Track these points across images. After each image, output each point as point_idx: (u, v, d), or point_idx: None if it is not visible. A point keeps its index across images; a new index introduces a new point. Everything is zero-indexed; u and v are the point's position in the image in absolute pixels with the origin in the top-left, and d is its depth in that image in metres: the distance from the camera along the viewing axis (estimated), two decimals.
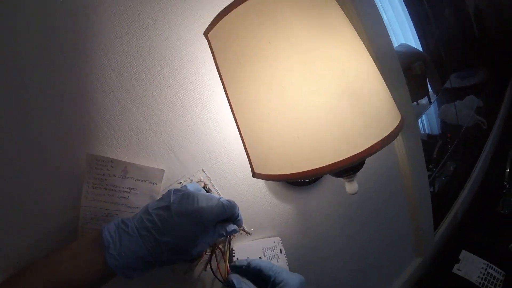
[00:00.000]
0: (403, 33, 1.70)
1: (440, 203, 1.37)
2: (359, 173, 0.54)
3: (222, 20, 0.46)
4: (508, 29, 2.31)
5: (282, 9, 0.42)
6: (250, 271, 0.57)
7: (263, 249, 0.68)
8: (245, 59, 0.44)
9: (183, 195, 0.51)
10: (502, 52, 2.26)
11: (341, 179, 0.54)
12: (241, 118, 0.49)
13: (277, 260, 0.68)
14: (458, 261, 1.14)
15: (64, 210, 0.53)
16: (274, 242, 0.70)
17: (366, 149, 0.41)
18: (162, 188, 0.59)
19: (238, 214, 0.56)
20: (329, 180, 0.81)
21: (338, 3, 0.49)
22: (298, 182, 0.72)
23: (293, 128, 0.41)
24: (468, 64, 2.04)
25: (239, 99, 0.48)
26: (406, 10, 1.66)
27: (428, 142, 1.70)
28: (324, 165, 0.40)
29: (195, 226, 0.49)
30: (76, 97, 0.53)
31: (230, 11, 0.44)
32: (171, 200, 0.50)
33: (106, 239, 0.45)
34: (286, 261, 0.68)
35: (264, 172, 0.48)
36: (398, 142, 0.99)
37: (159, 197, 0.58)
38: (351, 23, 0.50)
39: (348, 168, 0.49)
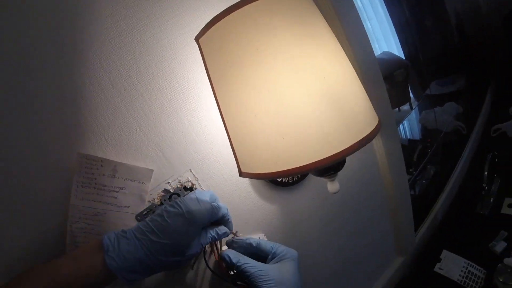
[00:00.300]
0: (386, 41, 1.75)
1: (421, 205, 1.41)
2: (340, 174, 0.56)
3: (213, 27, 0.49)
4: (486, 38, 2.39)
5: (269, 18, 0.45)
6: (248, 248, 0.59)
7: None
8: (234, 63, 0.47)
9: (175, 201, 0.53)
10: (481, 60, 2.34)
11: (323, 179, 0.57)
12: (229, 119, 0.52)
13: None
14: (439, 260, 1.17)
15: (52, 208, 0.53)
16: (259, 238, 0.71)
17: (345, 149, 0.45)
18: (150, 187, 0.60)
19: (228, 217, 0.59)
20: (312, 181, 0.83)
21: (322, 12, 0.52)
22: (282, 182, 0.74)
23: (278, 129, 0.44)
24: (448, 71, 2.10)
25: (227, 101, 0.51)
26: (389, 18, 1.71)
27: (409, 146, 1.75)
28: (307, 163, 0.44)
29: (188, 227, 0.51)
30: (69, 97, 0.53)
31: (220, 19, 0.47)
32: (164, 207, 0.52)
33: (106, 243, 0.47)
34: None
35: (250, 171, 0.50)
36: (378, 144, 1.03)
37: (147, 196, 0.60)
38: (334, 32, 0.54)
39: (329, 168, 0.54)
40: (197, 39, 0.54)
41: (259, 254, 0.60)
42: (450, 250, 1.22)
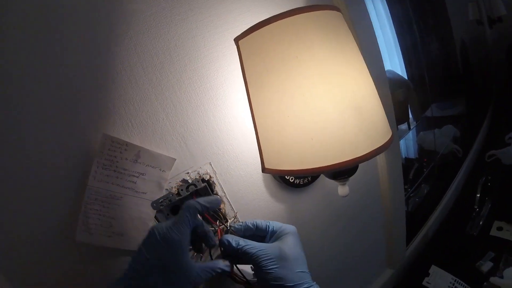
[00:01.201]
0: (391, 59, 1.76)
1: (413, 221, 1.42)
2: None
3: (256, 32, 0.51)
4: (489, 67, 2.43)
5: (311, 31, 0.49)
6: (247, 230, 0.58)
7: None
8: (273, 68, 0.49)
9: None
10: (481, 88, 2.38)
11: (335, 183, 0.60)
12: (260, 118, 0.53)
13: None
14: (428, 274, 1.18)
15: (69, 187, 0.53)
16: None
17: (364, 154, 0.48)
18: (170, 176, 0.60)
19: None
20: (318, 185, 0.84)
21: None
22: (293, 183, 0.75)
23: (308, 131, 0.47)
24: (449, 95, 2.13)
25: (261, 101, 0.53)
26: (396, 38, 1.72)
27: (405, 164, 1.76)
28: (330, 164, 0.47)
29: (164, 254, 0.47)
30: (101, 79, 0.53)
31: (265, 25, 0.50)
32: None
33: None
34: None
35: (274, 167, 0.51)
36: (381, 157, 1.04)
37: (165, 185, 0.60)
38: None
39: (344, 171, 0.58)
40: (237, 40, 0.56)
41: (257, 234, 0.59)
42: (438, 265, 1.23)
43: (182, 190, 0.62)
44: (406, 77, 1.75)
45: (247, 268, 0.58)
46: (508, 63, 2.36)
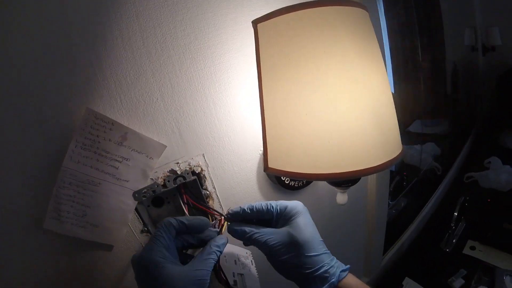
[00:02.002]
0: None
1: (389, 232, 1.41)
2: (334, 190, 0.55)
3: (279, 17, 0.45)
4: (477, 92, 2.47)
5: (339, 27, 0.43)
6: (246, 215, 0.51)
7: (237, 254, 0.62)
8: (296, 59, 0.44)
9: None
10: (467, 112, 2.41)
11: (328, 188, 0.62)
12: (272, 111, 0.47)
13: (249, 269, 0.63)
14: (401, 286, 1.18)
15: (40, 166, 0.44)
16: (246, 253, 0.64)
17: (379, 164, 0.44)
18: (157, 165, 0.53)
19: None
20: (310, 190, 0.79)
21: None
22: (287, 185, 0.69)
23: (326, 132, 0.42)
24: (434, 114, 2.13)
25: (275, 93, 0.46)
26: (388, 49, 1.69)
27: None
28: (346, 171, 0.42)
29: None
30: (91, 43, 0.44)
31: (289, 12, 0.44)
32: None
33: None
34: (256, 271, 0.64)
35: (279, 168, 0.45)
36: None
37: (151, 174, 0.52)
38: None
39: (349, 180, 0.52)
40: (255, 22, 0.49)
41: (261, 218, 0.52)
42: (412, 278, 1.24)
43: (169, 181, 0.55)
44: (392, 90, 1.72)
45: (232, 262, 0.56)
46: (497, 92, 2.40)
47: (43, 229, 0.45)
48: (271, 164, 0.48)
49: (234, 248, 0.60)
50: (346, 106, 0.42)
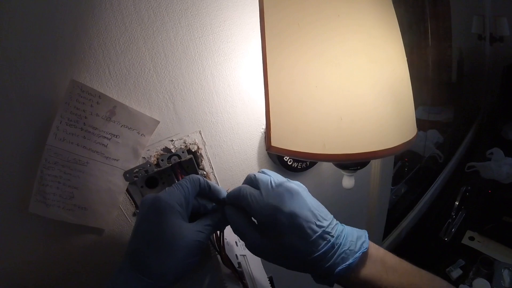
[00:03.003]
0: None
1: (388, 219, 1.39)
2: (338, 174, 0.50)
3: None
4: (482, 81, 2.41)
5: None
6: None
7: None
8: (307, 24, 0.37)
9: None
10: (471, 102, 2.36)
11: (332, 171, 0.60)
12: (277, 84, 0.41)
13: None
14: None
15: (24, 145, 0.40)
16: None
17: (395, 146, 0.39)
18: (149, 142, 0.48)
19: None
20: (313, 173, 0.75)
21: None
22: (290, 167, 0.65)
23: (337, 108, 0.37)
24: (438, 101, 2.08)
25: (282, 63, 0.40)
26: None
27: None
28: (359, 152, 0.37)
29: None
30: (73, 7, 0.39)
31: None
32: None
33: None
34: None
35: (285, 147, 0.41)
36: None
37: (143, 152, 0.47)
38: None
39: (359, 162, 0.50)
40: None
41: None
42: None
43: (162, 160, 0.50)
44: None
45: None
46: (502, 83, 2.34)
47: (29, 213, 0.42)
48: (274, 143, 0.43)
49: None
50: (362, 80, 0.37)
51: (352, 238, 0.41)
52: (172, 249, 0.38)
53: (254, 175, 0.44)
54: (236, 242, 0.57)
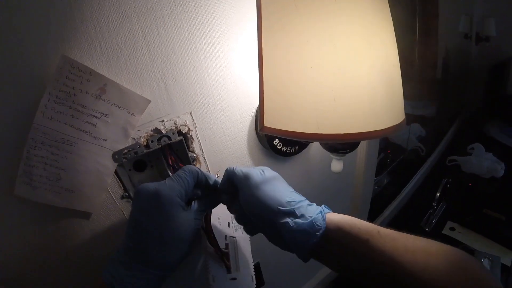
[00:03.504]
0: None
1: (371, 209, 1.41)
2: (326, 161, 0.51)
3: None
4: (466, 79, 2.46)
5: None
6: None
7: (231, 216, 0.60)
8: (305, 5, 0.38)
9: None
10: (455, 98, 2.41)
11: (328, 158, 0.55)
12: (272, 63, 0.42)
13: (242, 231, 0.60)
14: None
15: (9, 124, 0.38)
16: None
17: (387, 128, 0.41)
18: (140, 122, 0.47)
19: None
20: (304, 157, 0.76)
21: None
22: (279, 151, 0.66)
23: (332, 89, 0.38)
24: (422, 96, 2.12)
25: (277, 43, 0.41)
26: None
27: None
28: (352, 132, 0.38)
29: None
30: None
31: None
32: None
33: (109, 282, 0.38)
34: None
35: (278, 127, 0.41)
36: (362, 144, 0.98)
37: (133, 132, 0.47)
38: None
39: (348, 145, 0.51)
40: None
41: None
42: None
43: (152, 141, 0.50)
44: None
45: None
46: (486, 83, 2.40)
47: (14, 196, 0.41)
48: (267, 123, 0.43)
49: (227, 210, 0.58)
50: (356, 63, 0.38)
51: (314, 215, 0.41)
52: (177, 242, 0.39)
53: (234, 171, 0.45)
54: (228, 223, 0.57)
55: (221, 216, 0.56)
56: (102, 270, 0.39)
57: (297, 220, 0.39)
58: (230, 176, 0.45)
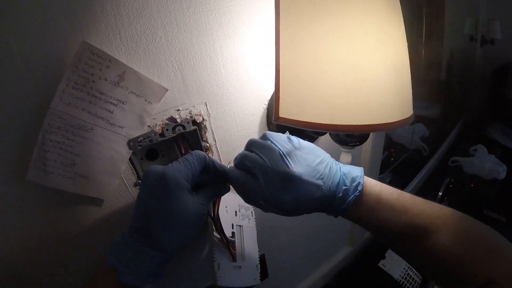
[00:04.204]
0: None
1: None
2: (333, 153, 0.50)
3: None
4: (470, 81, 2.46)
5: None
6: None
7: (239, 204, 0.61)
8: (323, 2, 0.39)
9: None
10: (459, 100, 2.41)
11: (338, 149, 0.57)
12: (289, 57, 0.43)
13: (249, 221, 0.61)
14: (384, 257, 1.19)
15: (26, 107, 0.39)
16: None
17: (396, 121, 0.42)
18: (155, 111, 0.48)
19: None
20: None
21: None
22: None
23: (347, 82, 0.39)
24: (426, 97, 2.12)
25: (295, 36, 0.42)
26: None
27: None
28: (363, 123, 0.40)
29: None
30: None
31: None
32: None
33: (113, 263, 0.39)
34: (255, 223, 0.63)
35: (293, 117, 0.42)
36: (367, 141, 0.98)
37: (149, 120, 0.48)
38: None
39: (358, 137, 0.54)
40: None
41: None
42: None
43: (167, 130, 0.51)
44: None
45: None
46: (490, 85, 2.40)
47: (26, 181, 0.40)
48: (282, 114, 0.44)
49: (235, 199, 0.58)
50: (369, 58, 0.39)
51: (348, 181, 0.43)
52: (183, 225, 0.40)
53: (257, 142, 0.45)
54: (236, 212, 0.58)
55: (229, 205, 0.57)
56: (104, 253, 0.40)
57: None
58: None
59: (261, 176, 0.41)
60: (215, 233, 0.53)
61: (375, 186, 0.44)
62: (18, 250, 0.43)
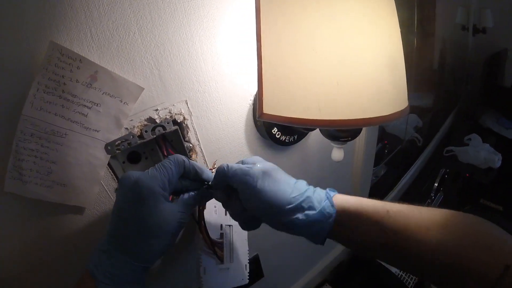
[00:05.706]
0: None
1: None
2: (324, 152, 0.54)
3: None
4: (463, 70, 2.47)
5: None
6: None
7: None
8: None
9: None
10: (452, 89, 2.41)
11: (328, 146, 0.55)
12: (271, 46, 0.41)
13: None
14: None
15: None
16: None
17: (390, 114, 0.40)
18: (133, 111, 0.46)
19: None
20: (302, 147, 0.75)
21: None
22: (278, 140, 0.64)
23: (335, 73, 0.37)
24: (419, 88, 2.11)
25: (277, 23, 0.39)
26: None
27: None
28: (355, 118, 0.37)
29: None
30: None
31: None
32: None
33: (93, 272, 0.37)
34: None
35: (278, 113, 0.40)
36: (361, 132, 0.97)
37: (126, 122, 0.45)
38: None
39: (350, 132, 0.50)
40: None
41: None
42: None
43: (146, 131, 0.48)
44: None
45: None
46: (483, 74, 2.41)
47: (4, 193, 0.39)
48: (266, 110, 0.42)
49: None
50: (361, 49, 0.37)
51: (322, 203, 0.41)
52: (158, 234, 0.39)
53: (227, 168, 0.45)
54: (225, 211, 0.57)
55: (218, 205, 0.55)
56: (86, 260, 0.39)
57: (306, 212, 0.40)
58: (223, 176, 0.44)
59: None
60: (201, 237, 0.51)
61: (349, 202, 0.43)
62: None
